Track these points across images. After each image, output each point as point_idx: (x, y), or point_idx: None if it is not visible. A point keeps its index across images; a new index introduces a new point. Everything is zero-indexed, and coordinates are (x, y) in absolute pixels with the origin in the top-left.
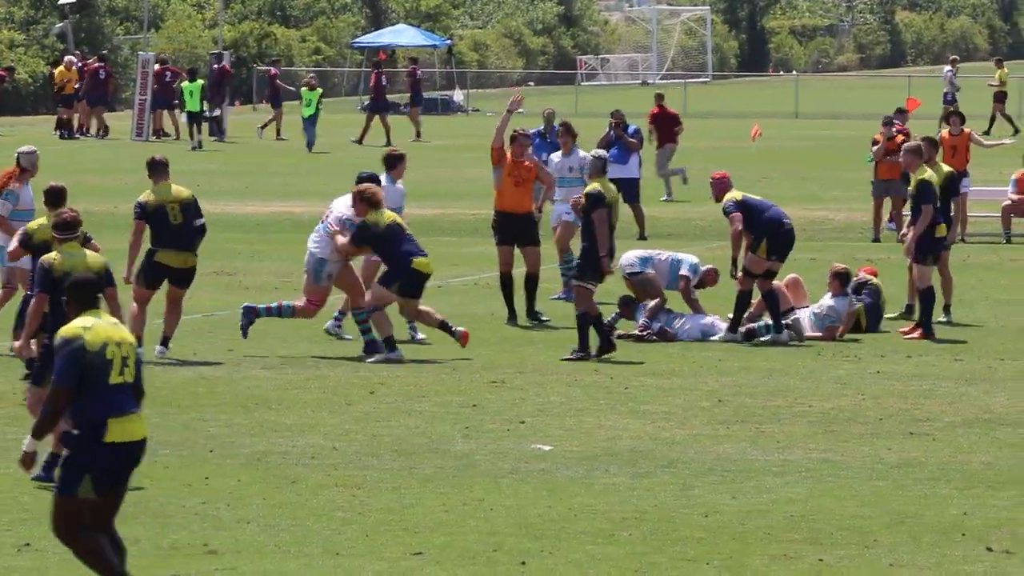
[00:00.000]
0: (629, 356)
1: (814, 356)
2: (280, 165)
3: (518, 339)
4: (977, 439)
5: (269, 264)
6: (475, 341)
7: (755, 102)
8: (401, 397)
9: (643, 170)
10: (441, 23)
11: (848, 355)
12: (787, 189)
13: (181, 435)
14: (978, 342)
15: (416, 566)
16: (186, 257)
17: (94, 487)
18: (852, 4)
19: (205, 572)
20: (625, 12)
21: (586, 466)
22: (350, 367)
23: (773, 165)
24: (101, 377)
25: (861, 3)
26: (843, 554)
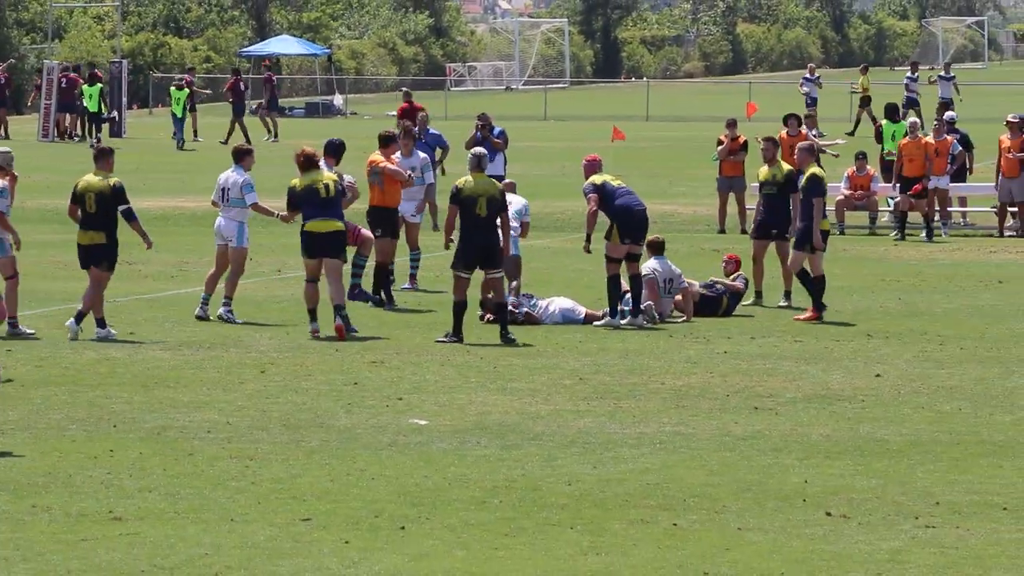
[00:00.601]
0: (497, 338)
1: (666, 337)
2: (174, 164)
3: (395, 322)
4: (815, 413)
5: (166, 255)
6: (355, 323)
7: (610, 106)
8: (288, 376)
9: (507, 168)
10: (321, 34)
11: (697, 336)
12: (640, 185)
13: (86, 411)
14: (815, 325)
15: (305, 531)
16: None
17: None
18: (697, 16)
19: (111, 537)
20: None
21: (459, 439)
22: (242, 349)
23: (627, 164)
24: None
25: (705, 15)
26: (695, 519)
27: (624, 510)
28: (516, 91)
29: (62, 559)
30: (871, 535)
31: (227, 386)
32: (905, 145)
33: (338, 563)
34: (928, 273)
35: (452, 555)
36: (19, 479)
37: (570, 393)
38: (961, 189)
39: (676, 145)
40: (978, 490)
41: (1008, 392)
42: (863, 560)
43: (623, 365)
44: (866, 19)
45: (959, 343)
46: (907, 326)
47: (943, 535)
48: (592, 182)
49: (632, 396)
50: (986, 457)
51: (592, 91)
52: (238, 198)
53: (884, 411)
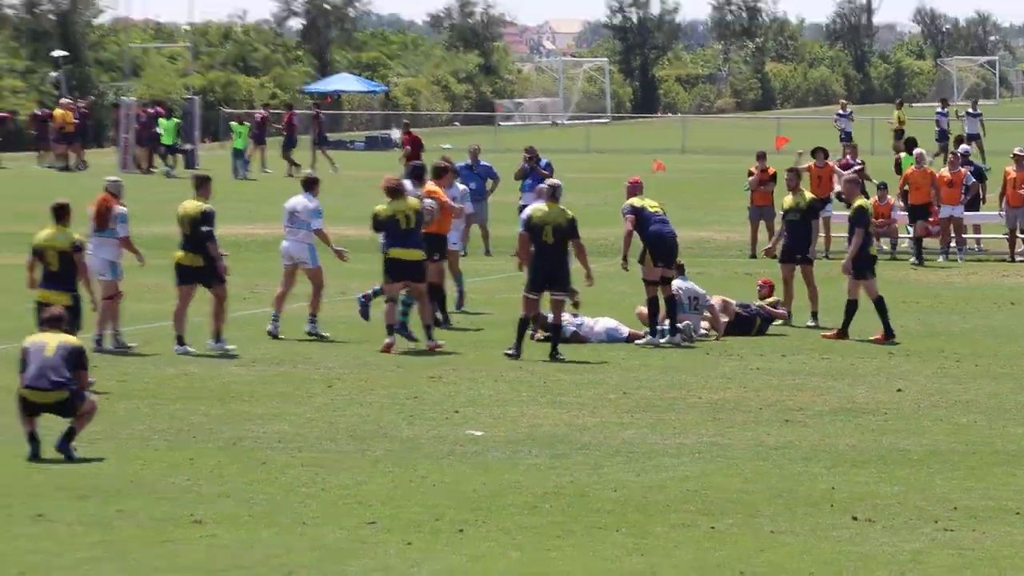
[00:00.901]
0: (547, 355)
1: (703, 355)
2: (241, 193)
3: (451, 341)
4: (842, 425)
5: (238, 278)
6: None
7: (647, 140)
8: (354, 390)
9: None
10: (379, 72)
11: (732, 354)
12: (676, 214)
13: (167, 423)
14: (842, 343)
15: (371, 534)
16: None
17: None
18: (728, 56)
19: (192, 539)
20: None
21: (512, 448)
22: (310, 365)
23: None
24: None
25: (736, 55)
26: (731, 523)
27: (665, 515)
28: (561, 126)
29: (147, 560)
30: (894, 538)
31: (297, 400)
32: (912, 174)
33: (402, 563)
34: (945, 295)
35: (507, 556)
36: (106, 486)
37: (615, 406)
38: (975, 217)
39: (710, 176)
40: (993, 496)
41: (1020, 406)
42: (887, 561)
43: (663, 380)
44: (885, 59)
45: (974, 360)
46: (926, 345)
47: (961, 538)
48: (631, 203)
49: (672, 409)
50: (1000, 466)
51: (631, 125)
52: (305, 222)
53: (905, 423)
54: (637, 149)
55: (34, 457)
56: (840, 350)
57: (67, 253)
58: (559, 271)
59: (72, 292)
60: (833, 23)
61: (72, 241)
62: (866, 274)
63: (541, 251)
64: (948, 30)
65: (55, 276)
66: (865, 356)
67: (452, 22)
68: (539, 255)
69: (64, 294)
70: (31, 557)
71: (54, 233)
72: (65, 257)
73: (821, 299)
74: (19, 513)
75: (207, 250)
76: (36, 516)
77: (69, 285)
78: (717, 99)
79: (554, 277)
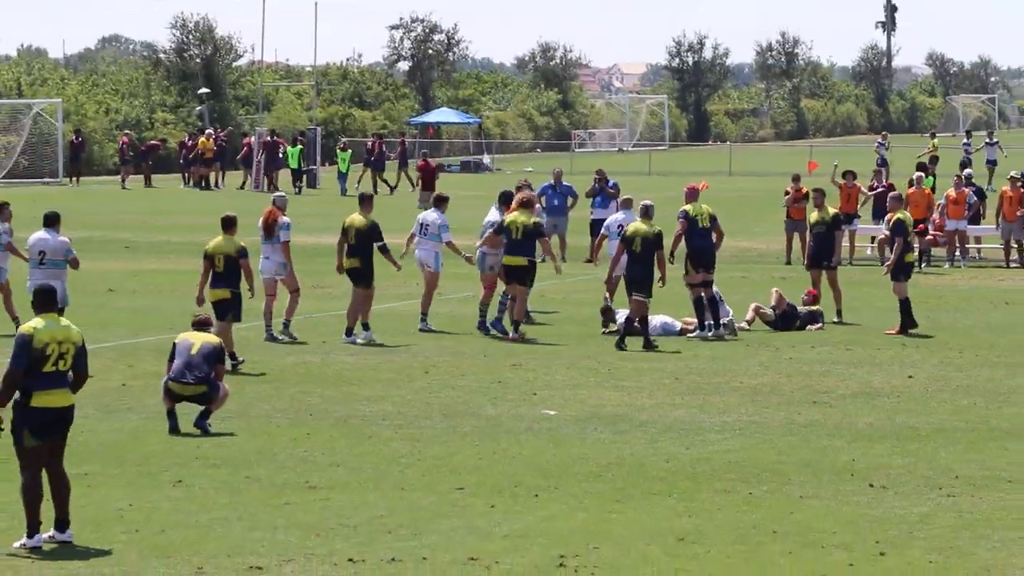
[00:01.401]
0: (612, 346)
1: (743, 346)
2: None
3: (529, 334)
4: (861, 406)
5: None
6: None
7: (700, 164)
8: (447, 376)
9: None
10: (473, 106)
11: (769, 345)
12: (724, 227)
13: (288, 403)
14: (862, 337)
15: (459, 498)
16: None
17: (33, 436)
18: (769, 93)
19: (308, 501)
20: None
21: (580, 426)
22: (410, 354)
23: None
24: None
25: (776, 92)
26: (766, 489)
27: (710, 482)
28: (626, 152)
29: (269, 519)
30: (905, 502)
31: (399, 384)
32: (911, 194)
33: (486, 523)
34: (949, 296)
35: (575, 517)
36: (235, 456)
37: (668, 390)
38: (976, 230)
39: (753, 195)
40: (989, 466)
41: (1012, 389)
42: (898, 522)
43: (710, 368)
44: (902, 96)
45: (974, 351)
46: (933, 338)
47: (961, 502)
48: (685, 210)
49: (717, 392)
50: (995, 440)
51: (686, 152)
52: (435, 234)
53: (915, 404)
54: (691, 172)
55: (173, 431)
56: (861, 342)
57: (232, 257)
58: (641, 277)
59: (233, 289)
60: (858, 66)
61: (237, 247)
62: (900, 277)
63: (631, 259)
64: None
65: (220, 276)
66: (882, 347)
67: (536, 64)
68: (630, 263)
69: (225, 290)
70: (172, 517)
71: (222, 241)
72: (230, 260)
73: (845, 299)
74: (162, 479)
75: (367, 256)
76: (176, 482)
77: (231, 283)
78: (759, 130)
79: (638, 281)
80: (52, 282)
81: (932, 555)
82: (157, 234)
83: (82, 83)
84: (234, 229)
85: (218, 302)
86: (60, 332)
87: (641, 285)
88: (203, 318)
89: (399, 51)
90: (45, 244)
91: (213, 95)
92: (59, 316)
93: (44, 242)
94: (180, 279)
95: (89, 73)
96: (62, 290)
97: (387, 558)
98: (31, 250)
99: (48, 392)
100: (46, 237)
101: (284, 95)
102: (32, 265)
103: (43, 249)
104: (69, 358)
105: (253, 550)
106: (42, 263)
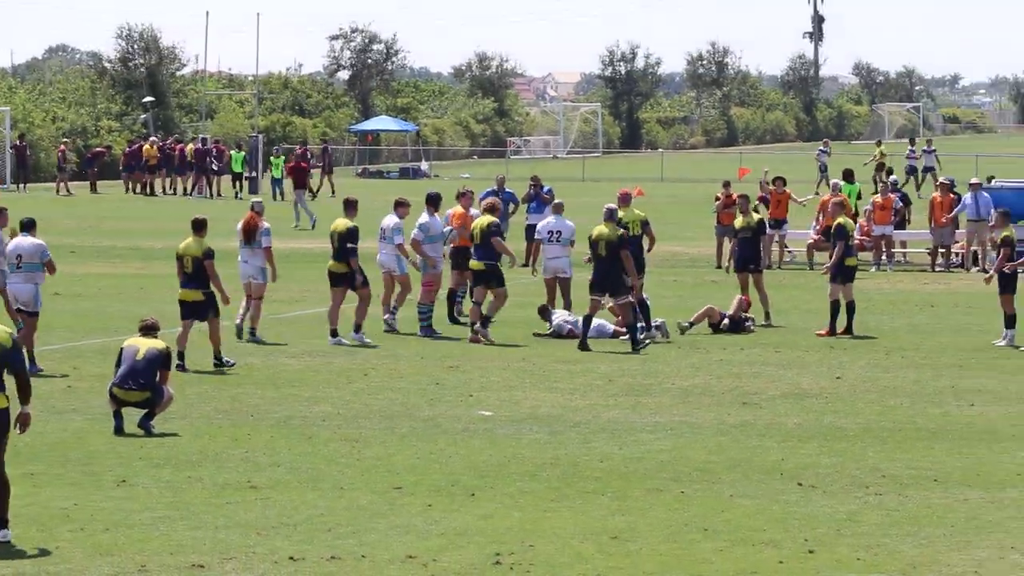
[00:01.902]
0: (546, 348)
1: (675, 349)
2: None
3: (465, 335)
4: (790, 407)
5: (288, 283)
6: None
7: (632, 170)
8: (385, 377)
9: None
10: (411, 114)
11: (699, 347)
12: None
13: (230, 404)
14: (791, 339)
15: (397, 497)
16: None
17: None
18: (700, 102)
19: (249, 501)
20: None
21: (516, 426)
22: (349, 356)
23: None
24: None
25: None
26: (698, 488)
27: (643, 481)
28: (560, 159)
29: (211, 518)
30: (833, 500)
31: (338, 385)
32: (825, 200)
33: (423, 521)
34: (876, 299)
35: (511, 516)
36: (178, 456)
37: (601, 391)
38: (902, 235)
39: (684, 201)
40: (915, 465)
41: (938, 391)
42: (827, 520)
43: (642, 370)
44: (829, 104)
45: (900, 353)
46: (860, 340)
47: (888, 500)
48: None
49: (649, 393)
50: (921, 440)
51: (619, 159)
52: (389, 237)
53: (843, 405)
54: (624, 178)
55: (118, 431)
56: (789, 344)
57: (198, 259)
58: (612, 277)
59: (204, 290)
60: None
61: (204, 249)
62: (837, 279)
63: (598, 260)
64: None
65: (189, 277)
66: (810, 350)
67: (472, 73)
68: (596, 264)
69: (197, 291)
70: (115, 515)
71: (191, 242)
72: (197, 262)
73: (774, 302)
74: (106, 479)
75: (347, 260)
76: (120, 482)
77: (202, 284)
78: (690, 137)
79: (607, 282)
80: (27, 285)
81: (860, 552)
82: (102, 239)
83: (29, 91)
84: (204, 231)
85: (193, 303)
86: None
87: (616, 287)
88: (150, 323)
89: (339, 61)
90: (21, 247)
91: (157, 103)
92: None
93: (20, 246)
94: (124, 283)
95: (36, 82)
96: (36, 293)
97: (327, 556)
98: (8, 255)
99: None
100: (22, 241)
101: (227, 103)
102: (10, 269)
103: (20, 253)
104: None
105: (195, 548)
106: (19, 267)
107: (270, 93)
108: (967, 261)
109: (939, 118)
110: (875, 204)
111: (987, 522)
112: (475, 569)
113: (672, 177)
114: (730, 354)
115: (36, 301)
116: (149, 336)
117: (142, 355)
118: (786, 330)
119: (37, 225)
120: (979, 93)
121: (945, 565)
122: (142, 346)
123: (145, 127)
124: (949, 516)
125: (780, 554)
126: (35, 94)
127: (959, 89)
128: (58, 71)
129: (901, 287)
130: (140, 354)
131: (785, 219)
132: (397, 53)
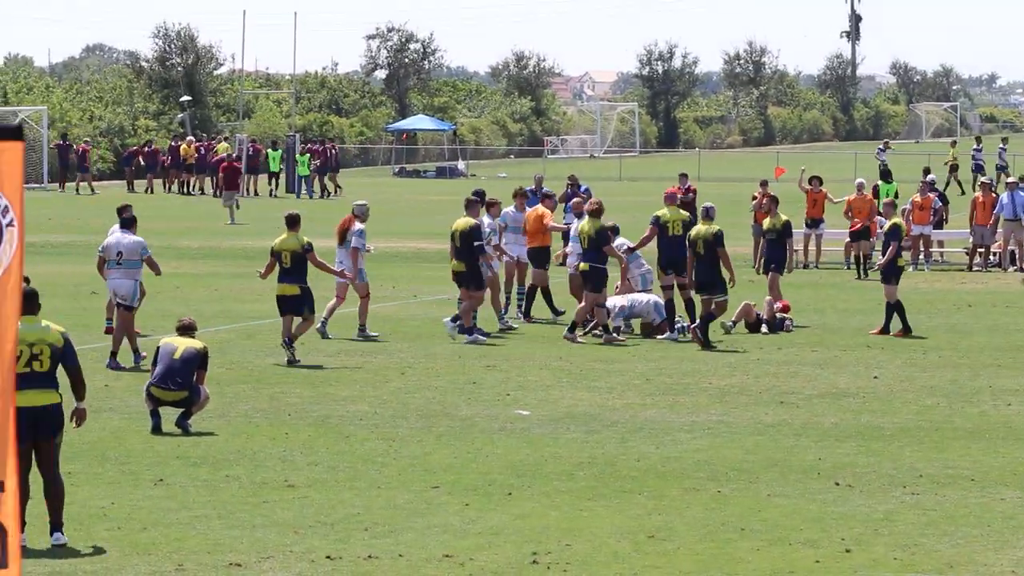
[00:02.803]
0: (583, 348)
1: (712, 349)
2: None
3: (506, 335)
4: (827, 406)
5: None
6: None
7: (669, 170)
8: (423, 377)
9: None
10: (448, 113)
11: (736, 347)
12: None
13: (268, 403)
14: (828, 338)
15: (434, 496)
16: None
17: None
18: (737, 101)
19: (286, 499)
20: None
21: (553, 426)
22: (386, 356)
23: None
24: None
25: (743, 100)
26: (734, 487)
27: (680, 480)
28: (598, 158)
29: (248, 517)
30: (870, 500)
31: (375, 384)
32: (853, 200)
33: (460, 520)
34: (914, 299)
35: (547, 515)
36: (215, 455)
37: (639, 391)
38: (940, 235)
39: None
40: (952, 465)
41: (975, 391)
42: (863, 519)
43: (679, 369)
44: (866, 103)
45: (938, 352)
46: (898, 339)
47: (925, 500)
48: (657, 215)
49: (686, 393)
50: (958, 440)
51: (656, 158)
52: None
53: (880, 404)
54: (660, 177)
55: (156, 431)
56: (827, 344)
57: (298, 253)
58: (713, 277)
59: (301, 284)
60: (824, 74)
61: (302, 243)
62: (891, 280)
63: (697, 260)
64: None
65: (288, 272)
66: (847, 349)
67: (509, 72)
68: (696, 264)
69: (294, 285)
70: (153, 514)
71: (287, 237)
72: (296, 256)
73: (811, 301)
74: (143, 477)
75: (472, 259)
76: (157, 480)
77: (299, 279)
78: (727, 136)
79: (709, 283)
80: (127, 280)
81: (897, 552)
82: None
83: (66, 91)
84: (298, 226)
85: (289, 298)
86: (32, 334)
87: (713, 286)
88: (187, 322)
89: (376, 60)
90: (121, 244)
91: (194, 102)
92: (36, 318)
93: (120, 243)
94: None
95: (73, 81)
96: (134, 288)
97: (364, 555)
98: (109, 250)
99: (22, 392)
100: (122, 237)
101: (264, 103)
102: (110, 265)
103: (120, 249)
104: (45, 359)
105: (232, 547)
106: (119, 263)
107: (307, 92)
108: (1004, 260)
109: (976, 117)
110: (914, 204)
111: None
112: (512, 568)
113: (708, 176)
114: (767, 353)
115: (134, 296)
116: (186, 336)
117: (179, 354)
118: (823, 329)
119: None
120: (1016, 92)
121: (982, 565)
122: (180, 345)
123: (183, 126)
124: (986, 516)
125: (817, 553)
126: (72, 93)
127: (996, 88)
128: (95, 70)
129: (939, 287)
130: (177, 353)
131: (822, 219)
132: (434, 52)
